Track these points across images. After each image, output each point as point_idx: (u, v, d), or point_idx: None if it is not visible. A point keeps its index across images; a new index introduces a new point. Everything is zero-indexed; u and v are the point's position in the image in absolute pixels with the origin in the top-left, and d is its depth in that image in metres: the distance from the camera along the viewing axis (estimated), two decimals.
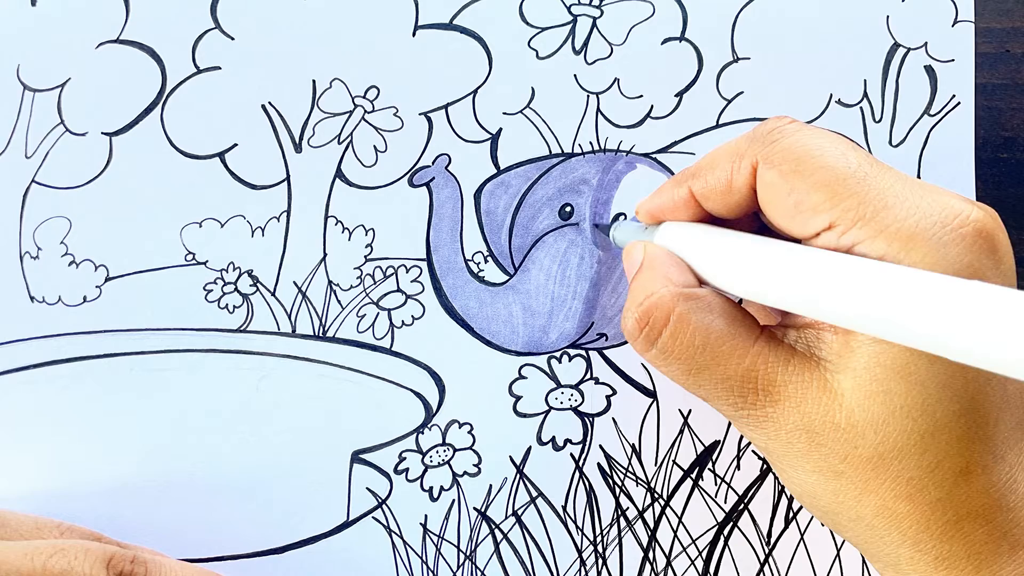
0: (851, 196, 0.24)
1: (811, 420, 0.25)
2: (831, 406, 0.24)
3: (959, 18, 0.37)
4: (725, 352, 0.26)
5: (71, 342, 0.35)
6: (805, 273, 0.24)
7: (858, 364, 0.24)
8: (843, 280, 0.23)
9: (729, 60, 0.37)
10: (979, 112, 0.36)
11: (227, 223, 0.36)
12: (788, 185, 0.25)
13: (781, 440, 0.25)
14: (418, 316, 0.36)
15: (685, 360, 0.26)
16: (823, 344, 0.25)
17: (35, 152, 0.36)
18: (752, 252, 0.26)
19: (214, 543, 0.34)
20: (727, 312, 0.27)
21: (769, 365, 0.25)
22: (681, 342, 0.26)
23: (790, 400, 0.25)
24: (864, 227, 0.23)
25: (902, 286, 0.21)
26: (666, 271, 0.28)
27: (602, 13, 0.37)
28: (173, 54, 0.36)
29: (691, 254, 0.28)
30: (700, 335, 0.26)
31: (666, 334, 0.26)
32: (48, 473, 0.34)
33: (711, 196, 0.28)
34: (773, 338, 0.26)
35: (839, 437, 0.24)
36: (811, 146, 0.25)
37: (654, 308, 0.27)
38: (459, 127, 0.36)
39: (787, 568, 0.35)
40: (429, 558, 0.35)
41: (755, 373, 0.26)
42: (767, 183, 0.26)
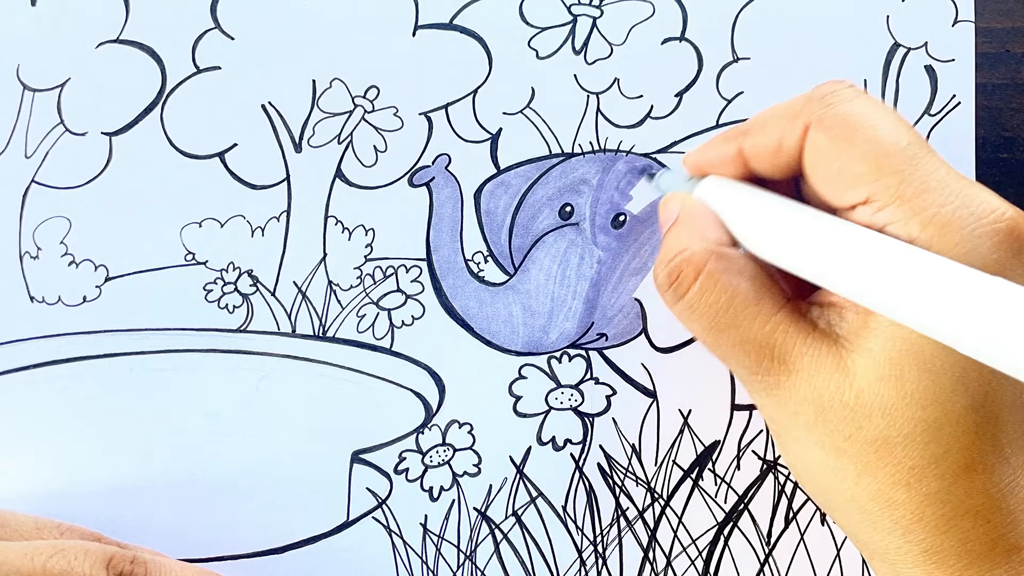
0: (894, 173, 0.24)
1: (821, 394, 0.25)
2: (842, 383, 0.24)
3: (959, 18, 0.37)
4: (748, 316, 0.26)
5: (71, 342, 0.35)
6: (834, 248, 0.24)
7: (874, 346, 0.24)
8: (869, 259, 0.23)
9: (729, 60, 0.37)
10: (979, 112, 0.36)
11: (227, 223, 0.36)
12: (835, 150, 0.25)
13: (789, 410, 0.26)
14: (418, 316, 0.36)
15: (709, 317, 0.27)
16: (844, 323, 0.25)
17: (35, 152, 0.35)
18: (786, 220, 0.26)
19: (214, 543, 0.34)
20: (756, 277, 0.27)
21: (788, 335, 0.26)
22: (707, 300, 0.26)
23: (803, 372, 0.25)
24: (901, 207, 0.24)
25: (924, 272, 0.21)
26: (702, 227, 0.28)
27: (602, 13, 0.37)
28: (173, 54, 0.36)
29: (729, 213, 0.28)
30: (726, 295, 0.26)
31: (694, 290, 0.27)
32: (48, 473, 0.34)
33: (760, 155, 0.28)
34: (797, 310, 0.26)
35: (846, 415, 0.24)
36: (865, 115, 0.25)
37: (685, 263, 0.27)
38: (459, 127, 0.36)
39: (787, 568, 0.35)
40: (429, 558, 0.35)
41: (773, 341, 0.26)
42: (815, 146, 0.26)
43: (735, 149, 0.29)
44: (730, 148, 0.29)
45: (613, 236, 0.36)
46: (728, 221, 0.28)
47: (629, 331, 0.36)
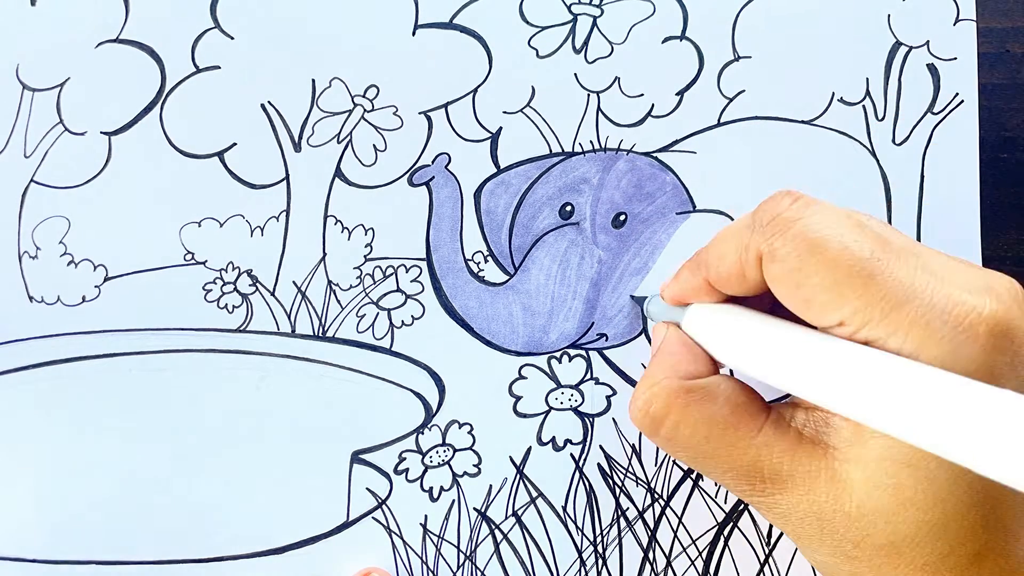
0: (858, 297, 0.23)
1: (821, 508, 0.24)
2: (841, 495, 0.24)
3: (961, 16, 0.37)
4: (728, 443, 0.26)
5: (70, 342, 0.35)
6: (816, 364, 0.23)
7: (868, 455, 0.24)
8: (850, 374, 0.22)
9: (730, 59, 0.36)
10: (979, 112, 0.36)
11: (226, 223, 0.36)
12: (794, 280, 0.24)
13: (792, 524, 0.25)
14: (418, 316, 0.35)
15: (689, 449, 0.26)
16: (831, 430, 0.25)
17: (34, 151, 0.35)
18: (766, 338, 0.26)
19: (214, 543, 0.34)
20: (732, 400, 0.26)
21: (775, 455, 0.25)
22: (683, 433, 0.26)
23: (798, 489, 0.25)
24: (874, 328, 0.23)
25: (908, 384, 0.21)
26: (675, 360, 0.28)
27: (602, 12, 0.36)
28: (172, 53, 0.36)
29: (709, 338, 0.28)
30: (703, 427, 0.26)
31: (667, 425, 0.27)
32: (48, 473, 0.34)
33: (725, 284, 0.28)
34: (780, 423, 0.26)
35: (850, 525, 0.24)
36: (815, 238, 0.24)
37: (654, 399, 0.27)
38: (459, 126, 0.36)
39: (787, 568, 0.35)
40: (429, 558, 0.35)
41: (760, 464, 0.25)
42: (774, 279, 0.25)
43: (701, 280, 0.29)
44: (697, 280, 0.29)
45: (614, 236, 0.36)
46: (709, 346, 0.28)
47: (629, 331, 0.36)
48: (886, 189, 0.36)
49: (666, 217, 0.36)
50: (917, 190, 0.36)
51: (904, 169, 0.36)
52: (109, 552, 0.34)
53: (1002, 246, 0.36)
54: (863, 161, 0.36)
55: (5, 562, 0.34)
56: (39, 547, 0.34)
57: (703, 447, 0.26)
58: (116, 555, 0.34)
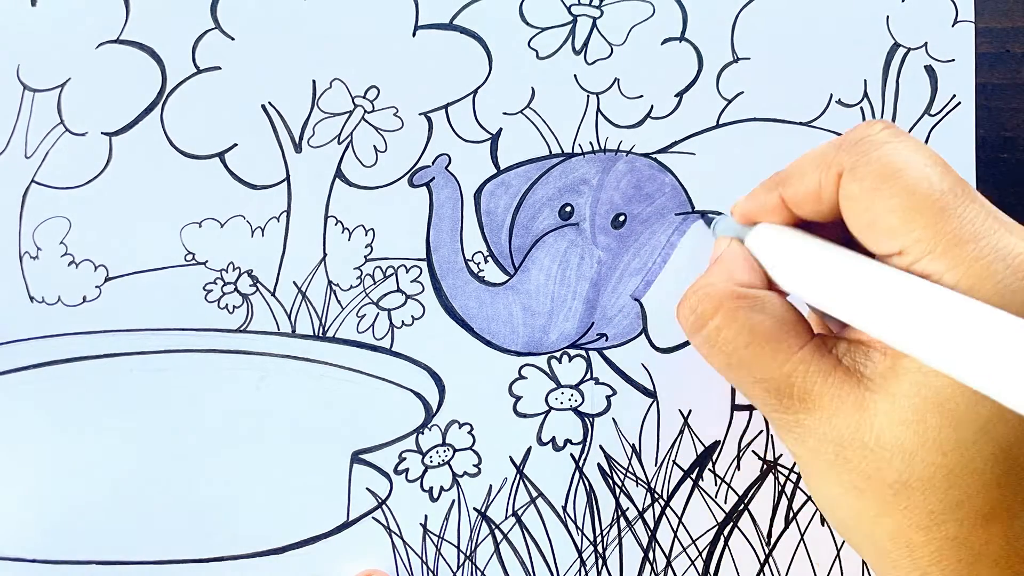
0: (925, 227, 0.23)
1: (840, 434, 0.24)
2: (862, 425, 0.24)
3: (959, 18, 0.37)
4: (767, 353, 0.26)
5: (71, 342, 0.35)
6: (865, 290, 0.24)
7: (899, 390, 0.24)
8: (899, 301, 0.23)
9: (729, 60, 0.37)
10: (979, 112, 0.36)
11: (227, 223, 0.36)
12: (867, 201, 0.25)
13: (809, 447, 0.25)
14: (418, 316, 0.36)
15: (728, 353, 0.27)
16: (870, 362, 0.25)
17: (35, 152, 0.35)
18: (822, 263, 0.26)
19: (214, 543, 0.34)
20: (779, 314, 0.27)
21: (809, 373, 0.25)
22: (726, 335, 0.26)
23: (823, 411, 0.25)
24: (934, 261, 0.23)
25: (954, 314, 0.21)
26: (732, 268, 0.28)
27: (602, 13, 0.37)
28: (173, 54, 0.36)
29: (767, 258, 0.28)
30: (745, 332, 0.26)
31: (712, 324, 0.27)
32: (48, 473, 0.34)
33: (801, 203, 0.28)
34: (821, 347, 0.26)
35: (866, 456, 0.24)
36: (896, 163, 0.25)
37: (705, 298, 0.27)
38: (459, 127, 0.36)
39: (787, 568, 0.35)
40: (429, 558, 0.35)
41: (793, 379, 0.25)
42: (848, 196, 0.25)
43: (777, 198, 0.29)
44: (772, 197, 0.29)
45: (613, 236, 0.36)
46: (768, 265, 0.28)
47: (629, 331, 0.36)
48: None
49: (665, 218, 0.36)
50: None
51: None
52: (109, 552, 0.34)
53: None
54: None
55: (5, 562, 0.34)
56: (39, 547, 0.34)
57: (741, 353, 0.26)
58: (116, 555, 0.34)
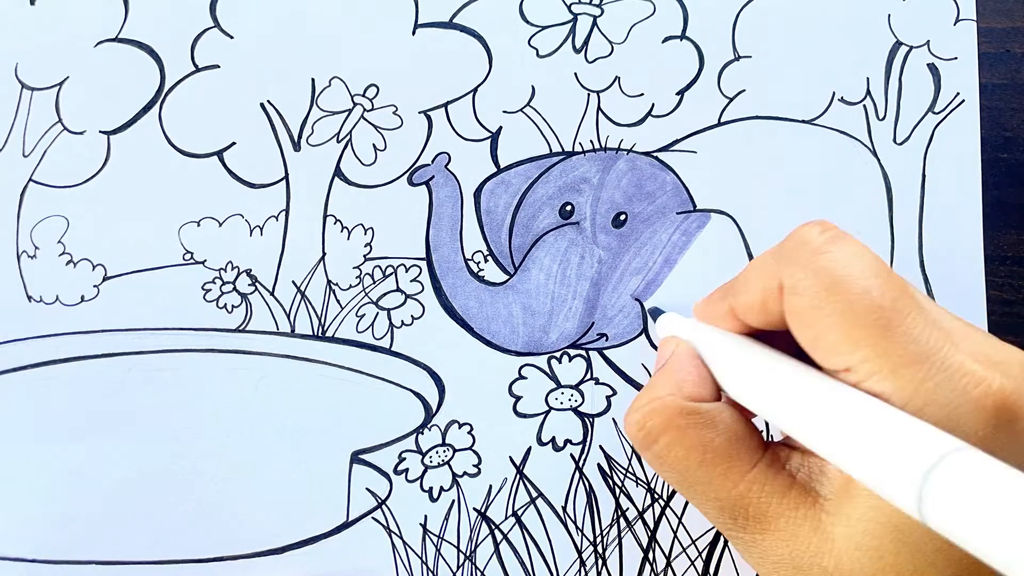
0: (872, 346, 0.22)
1: (799, 557, 0.24)
2: (821, 549, 0.23)
3: (961, 16, 0.37)
4: (720, 473, 0.25)
5: (69, 342, 0.35)
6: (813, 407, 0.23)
7: (853, 513, 0.23)
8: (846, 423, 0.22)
9: (730, 58, 0.36)
10: (980, 112, 0.36)
11: (225, 222, 0.35)
12: (809, 317, 0.24)
13: (767, 567, 0.25)
14: (418, 316, 0.35)
15: (679, 472, 0.26)
16: (825, 479, 0.24)
17: (33, 150, 0.35)
18: (769, 373, 0.25)
19: (214, 543, 0.34)
20: (731, 430, 0.26)
21: (764, 494, 0.25)
22: (676, 454, 0.26)
23: (781, 533, 0.24)
24: (882, 380, 0.22)
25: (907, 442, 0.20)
26: (681, 378, 0.27)
27: (602, 11, 0.36)
28: (172, 53, 0.36)
29: (714, 363, 0.28)
30: (696, 451, 0.25)
31: (662, 442, 0.26)
32: (47, 473, 0.34)
33: (748, 313, 0.27)
34: (775, 462, 0.25)
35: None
36: (836, 275, 0.23)
37: (654, 414, 0.26)
38: (459, 126, 0.36)
39: None
40: (429, 558, 0.35)
41: (748, 500, 0.25)
42: (790, 311, 0.25)
43: (727, 308, 0.28)
44: (723, 306, 0.28)
45: (614, 235, 0.36)
46: (715, 369, 0.27)
47: (629, 331, 0.36)
48: (887, 189, 0.36)
49: (666, 217, 0.36)
50: (919, 190, 0.36)
51: (905, 169, 0.36)
52: (109, 552, 0.34)
53: (1003, 246, 0.36)
54: (864, 161, 0.36)
55: (5, 562, 0.34)
56: (39, 547, 0.34)
57: (693, 472, 0.26)
58: (116, 555, 0.34)
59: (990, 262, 0.36)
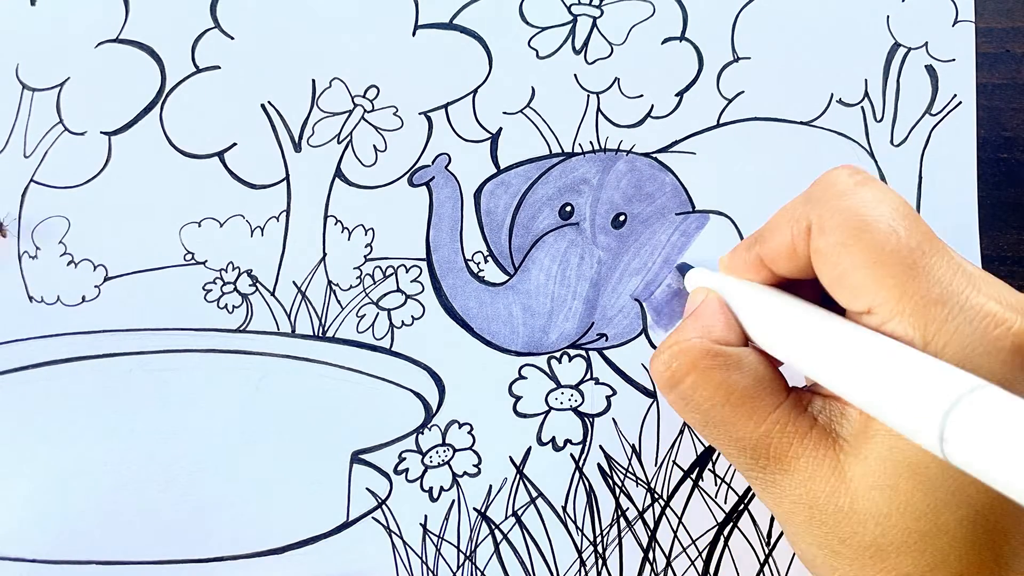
0: (893, 287, 0.23)
1: (816, 497, 0.24)
2: (838, 488, 0.24)
3: (959, 18, 0.37)
4: (744, 413, 0.26)
5: (70, 342, 0.35)
6: (832, 350, 0.23)
7: (871, 452, 0.23)
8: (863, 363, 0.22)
9: (729, 60, 0.37)
10: (979, 112, 0.36)
11: (226, 223, 0.36)
12: (835, 257, 0.24)
13: (784, 507, 0.25)
14: (418, 316, 0.35)
15: (703, 412, 0.26)
16: (845, 420, 0.25)
17: (34, 151, 0.35)
18: (791, 319, 0.26)
19: (214, 543, 0.34)
20: (755, 372, 0.26)
21: (786, 434, 0.25)
22: (701, 393, 0.26)
23: (800, 474, 0.25)
24: (903, 322, 0.23)
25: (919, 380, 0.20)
26: (709, 322, 0.27)
27: (602, 13, 0.37)
28: (172, 53, 0.36)
29: (740, 311, 0.28)
30: (722, 391, 0.26)
31: (687, 382, 0.26)
32: (48, 473, 0.34)
33: (776, 260, 0.27)
34: (797, 405, 0.26)
35: (840, 520, 0.24)
36: (862, 215, 0.24)
37: (680, 354, 0.26)
38: (459, 126, 0.36)
39: (787, 568, 0.35)
40: (429, 558, 0.35)
41: (770, 440, 0.25)
42: (817, 251, 0.25)
43: (755, 257, 0.28)
44: (751, 256, 0.28)
45: (613, 236, 0.36)
46: (742, 318, 0.28)
47: (629, 331, 0.36)
48: None
49: (666, 218, 0.36)
50: (915, 191, 0.36)
51: (902, 170, 0.36)
52: (109, 552, 0.34)
53: (1002, 246, 0.36)
54: (862, 162, 0.36)
55: (5, 562, 0.34)
56: (39, 547, 0.34)
57: (717, 412, 0.26)
58: (116, 555, 0.34)
59: (990, 262, 0.36)
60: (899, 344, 0.22)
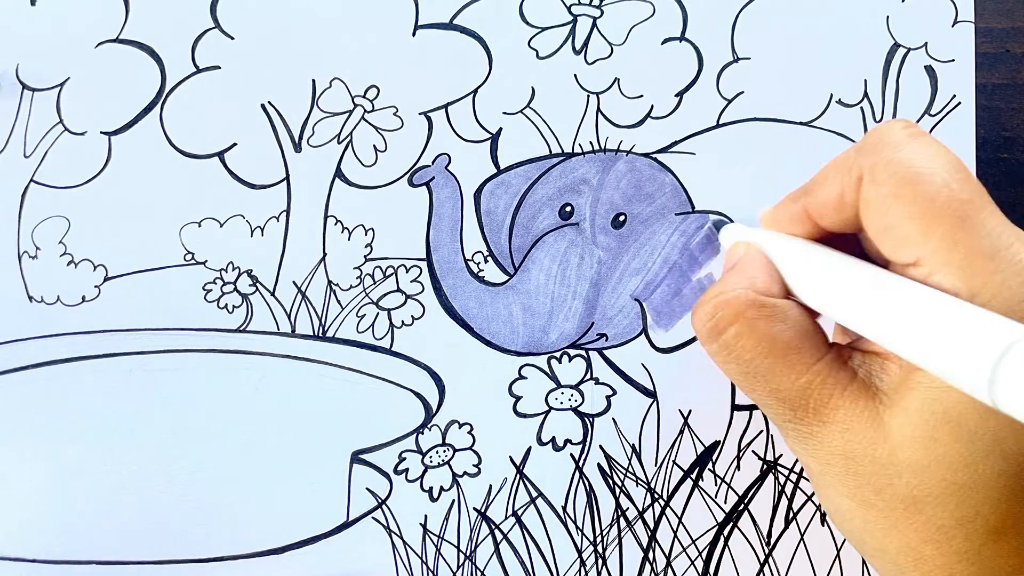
0: (943, 238, 0.23)
1: (853, 448, 0.24)
2: (876, 439, 0.24)
3: (959, 18, 0.37)
4: (786, 364, 0.26)
5: (70, 342, 0.35)
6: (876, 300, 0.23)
7: (911, 405, 0.23)
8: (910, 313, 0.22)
9: (729, 60, 0.37)
10: (979, 112, 0.36)
11: (226, 223, 0.36)
12: (885, 207, 0.24)
13: (820, 459, 0.25)
14: (418, 316, 0.36)
15: (745, 362, 0.26)
16: (885, 375, 0.25)
17: (34, 151, 0.35)
18: (834, 272, 0.26)
19: (214, 543, 0.34)
20: (798, 324, 0.26)
21: (826, 386, 0.25)
22: (744, 344, 0.26)
23: (838, 425, 0.25)
24: (950, 274, 0.23)
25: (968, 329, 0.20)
26: (753, 274, 0.27)
27: (602, 13, 0.37)
28: (172, 53, 0.36)
29: (782, 265, 0.28)
30: (765, 342, 0.26)
31: (731, 332, 0.26)
32: (48, 473, 0.34)
33: (823, 213, 0.27)
34: (838, 359, 0.26)
35: (877, 471, 0.24)
36: (916, 167, 0.24)
37: (725, 305, 0.26)
38: (459, 127, 0.36)
39: (787, 568, 0.35)
40: (429, 558, 0.35)
41: (810, 391, 0.25)
42: (867, 201, 0.25)
43: (801, 209, 0.28)
44: (796, 208, 0.28)
45: (613, 236, 0.36)
46: (783, 271, 0.28)
47: (629, 331, 0.36)
48: None
49: (665, 218, 0.36)
50: None
51: None
52: (109, 552, 0.34)
53: None
54: None
55: (5, 562, 0.34)
56: (39, 547, 0.34)
57: (759, 363, 0.26)
58: (116, 555, 0.34)
59: None
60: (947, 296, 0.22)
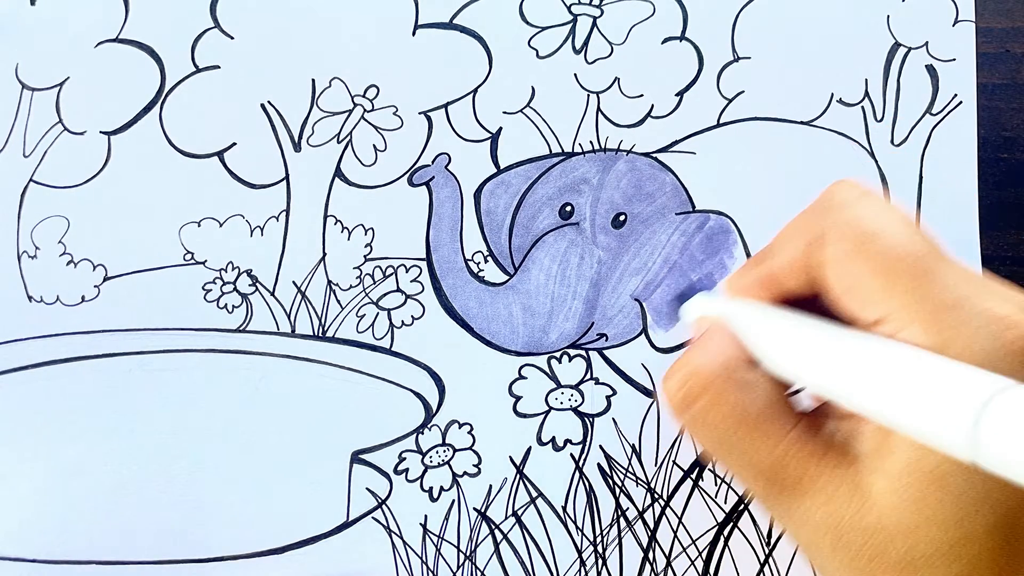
0: (906, 292, 0.23)
1: (839, 519, 0.24)
2: (862, 507, 0.24)
3: (959, 18, 0.37)
4: (760, 434, 0.25)
5: (69, 342, 0.35)
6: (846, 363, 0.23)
7: (893, 467, 0.23)
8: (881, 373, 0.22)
9: (730, 59, 0.37)
10: (979, 112, 0.36)
11: (226, 222, 0.36)
12: (846, 266, 0.24)
13: (806, 533, 0.25)
14: (418, 316, 0.35)
15: (717, 434, 0.26)
16: (861, 439, 0.24)
17: (33, 151, 0.35)
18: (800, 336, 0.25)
19: (214, 543, 0.34)
20: (768, 394, 0.26)
21: (803, 456, 0.25)
22: (715, 415, 0.26)
23: (819, 496, 0.24)
24: (918, 328, 0.23)
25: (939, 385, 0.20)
26: (719, 346, 0.27)
27: (602, 12, 0.37)
28: (172, 53, 0.36)
29: (747, 334, 0.28)
30: (735, 413, 0.26)
31: (700, 403, 0.26)
32: (48, 473, 0.34)
33: (786, 275, 0.27)
34: (811, 427, 0.26)
35: (867, 540, 0.23)
36: (871, 224, 0.24)
37: (693, 375, 0.26)
38: (459, 126, 0.36)
39: (787, 568, 0.35)
40: (429, 558, 0.35)
41: (786, 462, 0.25)
42: (829, 259, 0.25)
43: (764, 273, 0.28)
44: (759, 272, 0.28)
45: (613, 236, 0.36)
46: (748, 341, 0.28)
47: (629, 331, 0.36)
48: (885, 190, 0.36)
49: (666, 217, 0.36)
50: (916, 191, 0.36)
51: (903, 170, 0.36)
52: (109, 552, 0.34)
53: (1002, 246, 0.36)
54: (862, 162, 0.36)
55: (5, 562, 0.34)
56: (39, 547, 0.34)
57: (730, 436, 0.26)
58: (116, 555, 0.34)
59: (990, 262, 0.36)
60: (919, 350, 0.22)
